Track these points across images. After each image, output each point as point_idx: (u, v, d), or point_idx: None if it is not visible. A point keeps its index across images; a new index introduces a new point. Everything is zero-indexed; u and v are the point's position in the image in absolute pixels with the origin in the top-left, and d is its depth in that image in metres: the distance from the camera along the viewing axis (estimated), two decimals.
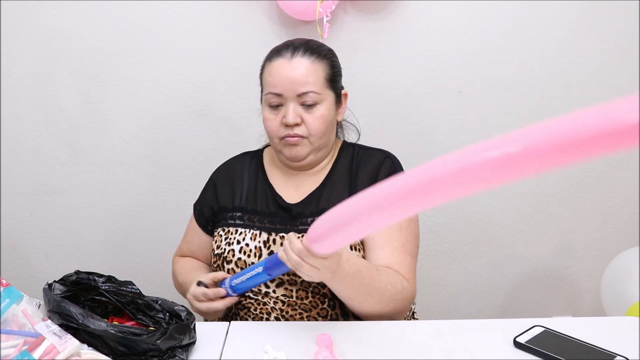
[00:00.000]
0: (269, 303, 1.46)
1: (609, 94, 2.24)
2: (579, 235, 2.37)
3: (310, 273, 1.23)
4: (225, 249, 1.51)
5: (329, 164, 1.58)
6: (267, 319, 1.46)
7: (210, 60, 2.18)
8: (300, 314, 1.45)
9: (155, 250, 2.34)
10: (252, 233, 1.50)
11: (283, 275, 1.43)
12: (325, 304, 1.45)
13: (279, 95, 1.47)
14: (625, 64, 2.21)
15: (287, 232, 1.45)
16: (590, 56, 2.21)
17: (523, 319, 1.38)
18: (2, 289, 1.16)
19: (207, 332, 1.33)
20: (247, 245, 1.49)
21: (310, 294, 1.45)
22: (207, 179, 1.67)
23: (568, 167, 2.28)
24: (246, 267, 1.46)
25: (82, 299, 1.30)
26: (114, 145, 2.25)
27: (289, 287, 1.46)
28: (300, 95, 1.45)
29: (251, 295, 1.48)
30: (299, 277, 1.42)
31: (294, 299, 1.45)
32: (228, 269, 1.49)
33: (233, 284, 1.42)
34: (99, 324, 1.17)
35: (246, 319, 1.48)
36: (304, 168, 1.56)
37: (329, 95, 1.49)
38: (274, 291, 1.46)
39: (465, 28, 2.17)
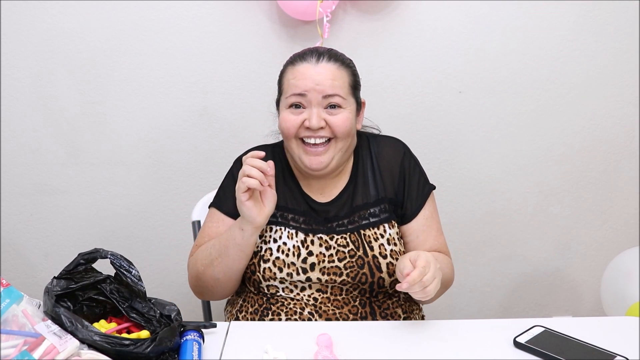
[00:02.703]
0: (303, 299, 1.47)
1: (609, 94, 2.24)
2: (579, 235, 2.37)
3: (436, 283, 1.30)
4: (262, 247, 1.49)
5: (350, 164, 1.58)
6: (301, 314, 1.47)
7: (210, 60, 2.18)
8: (333, 310, 1.47)
9: (155, 250, 2.34)
10: (289, 232, 1.50)
11: (321, 275, 1.46)
12: (357, 301, 1.48)
13: (303, 95, 1.45)
14: (625, 64, 2.22)
15: (325, 233, 1.49)
16: (590, 56, 2.21)
17: (523, 319, 1.38)
18: (2, 289, 1.16)
19: (207, 332, 1.33)
20: (284, 244, 1.49)
21: (344, 292, 1.48)
22: (228, 172, 1.61)
23: (568, 168, 2.29)
24: (284, 266, 1.46)
25: (80, 299, 1.30)
26: (114, 145, 2.25)
27: (325, 283, 1.48)
28: (326, 97, 1.45)
29: (283, 295, 1.48)
30: (338, 277, 1.46)
31: (328, 294, 1.48)
32: (264, 268, 1.47)
33: None
34: (87, 334, 1.16)
35: (279, 313, 1.48)
36: (324, 176, 1.54)
37: (352, 103, 1.51)
38: (309, 286, 1.47)
39: (465, 28, 2.17)
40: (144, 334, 1.25)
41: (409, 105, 2.23)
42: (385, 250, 1.48)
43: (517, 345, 1.29)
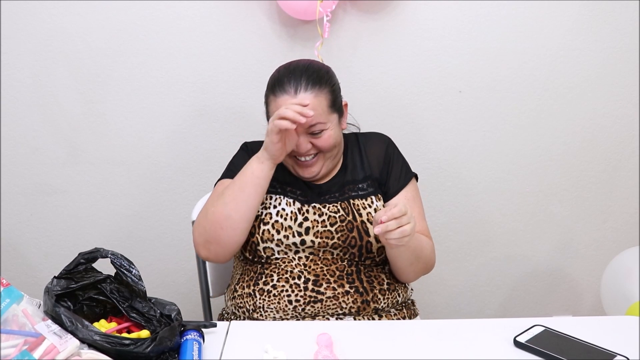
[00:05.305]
0: (295, 260, 1.57)
1: (609, 94, 2.24)
2: (579, 235, 2.37)
3: (412, 226, 1.39)
4: (262, 212, 1.59)
5: (341, 160, 1.70)
6: (291, 272, 1.55)
7: (210, 60, 2.18)
8: (321, 267, 1.56)
9: (155, 250, 2.34)
10: (287, 200, 1.61)
11: (315, 237, 1.56)
12: (344, 262, 1.58)
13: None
14: (625, 64, 2.22)
15: (319, 203, 1.61)
16: (590, 56, 2.21)
17: (523, 319, 1.38)
18: (2, 289, 1.16)
19: (207, 332, 1.33)
20: (283, 209, 1.60)
21: (334, 255, 1.58)
22: (236, 153, 1.72)
23: (568, 167, 2.29)
24: (282, 229, 1.56)
25: (80, 298, 1.30)
26: (114, 145, 2.25)
27: (318, 247, 1.57)
28: (308, 127, 1.55)
29: (277, 257, 1.58)
30: (330, 240, 1.56)
31: (319, 256, 1.57)
32: (263, 230, 1.57)
33: None
34: (87, 333, 1.16)
35: (271, 275, 1.56)
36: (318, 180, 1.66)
37: (333, 118, 1.60)
38: (303, 250, 1.57)
39: (465, 28, 2.17)
40: (144, 333, 1.26)
41: (409, 105, 2.23)
42: (373, 217, 1.59)
43: (518, 344, 1.29)
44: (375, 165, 1.68)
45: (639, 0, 2.16)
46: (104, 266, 1.34)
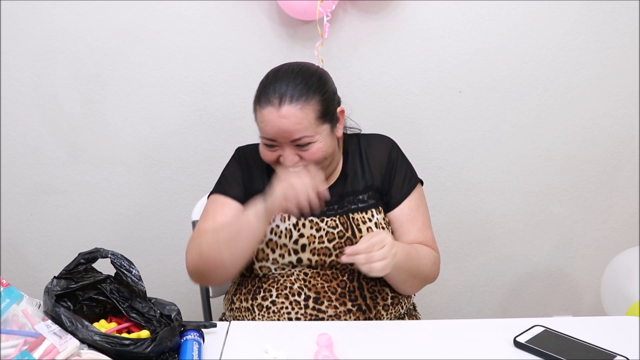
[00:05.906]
0: (294, 275, 1.52)
1: (608, 93, 2.24)
2: (579, 235, 2.37)
3: (385, 264, 1.36)
4: None
5: (340, 165, 1.63)
6: (291, 288, 1.51)
7: (210, 60, 2.18)
8: (322, 284, 1.52)
9: (155, 250, 2.34)
10: (282, 216, 1.54)
11: (312, 255, 1.51)
12: (345, 276, 1.53)
13: (272, 139, 1.49)
14: (625, 64, 2.22)
15: (315, 216, 1.54)
16: (590, 56, 2.21)
17: (523, 319, 1.39)
18: (2, 289, 1.16)
19: (207, 332, 1.33)
20: (277, 226, 1.54)
21: (333, 269, 1.53)
22: (229, 160, 1.67)
23: (568, 167, 2.29)
24: (277, 247, 1.52)
25: (80, 298, 1.30)
26: (114, 145, 2.25)
27: (315, 264, 1.53)
28: (293, 140, 1.48)
29: (275, 273, 1.53)
30: (327, 258, 1.52)
31: (318, 270, 1.53)
32: (258, 250, 1.52)
33: None
34: (87, 333, 1.17)
35: (270, 290, 1.52)
36: None
37: (324, 129, 1.51)
38: (298, 260, 1.52)
39: (465, 28, 2.17)
40: (144, 333, 1.26)
41: (409, 105, 2.23)
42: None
43: (517, 345, 1.29)
44: (377, 173, 1.61)
45: (639, 0, 2.16)
46: (104, 266, 1.34)
